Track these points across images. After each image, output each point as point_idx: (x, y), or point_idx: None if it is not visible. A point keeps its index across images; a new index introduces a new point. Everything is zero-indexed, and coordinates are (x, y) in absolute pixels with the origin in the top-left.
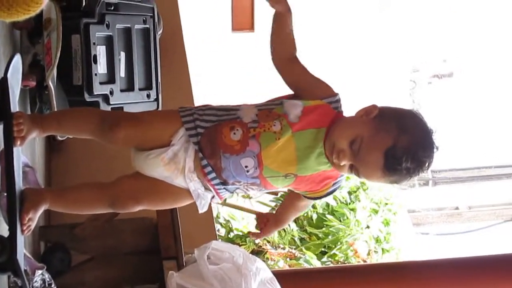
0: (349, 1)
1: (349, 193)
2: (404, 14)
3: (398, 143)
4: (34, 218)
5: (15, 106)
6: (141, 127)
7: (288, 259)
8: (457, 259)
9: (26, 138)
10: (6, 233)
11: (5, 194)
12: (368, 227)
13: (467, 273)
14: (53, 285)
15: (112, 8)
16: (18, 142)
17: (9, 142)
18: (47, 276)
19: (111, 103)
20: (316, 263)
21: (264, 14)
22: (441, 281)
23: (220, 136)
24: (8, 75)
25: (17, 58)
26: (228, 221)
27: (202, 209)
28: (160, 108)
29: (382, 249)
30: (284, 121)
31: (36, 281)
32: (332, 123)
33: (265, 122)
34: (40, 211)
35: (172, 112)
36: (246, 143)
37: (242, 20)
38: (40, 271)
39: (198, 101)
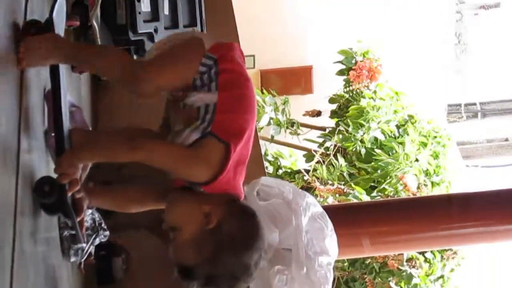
0: None
1: (397, 126)
2: None
3: (197, 269)
4: None
5: None
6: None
7: (337, 195)
8: (507, 190)
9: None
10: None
11: (53, 134)
12: (417, 160)
13: None
14: (103, 224)
15: None
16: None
17: (57, 82)
18: (97, 215)
19: (155, 41)
20: (366, 199)
21: None
22: (491, 212)
23: None
24: (54, 15)
25: None
26: (277, 158)
27: None
28: None
29: (432, 182)
30: None
31: (86, 221)
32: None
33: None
34: None
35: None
36: None
37: None
38: (90, 211)
39: (242, 35)
